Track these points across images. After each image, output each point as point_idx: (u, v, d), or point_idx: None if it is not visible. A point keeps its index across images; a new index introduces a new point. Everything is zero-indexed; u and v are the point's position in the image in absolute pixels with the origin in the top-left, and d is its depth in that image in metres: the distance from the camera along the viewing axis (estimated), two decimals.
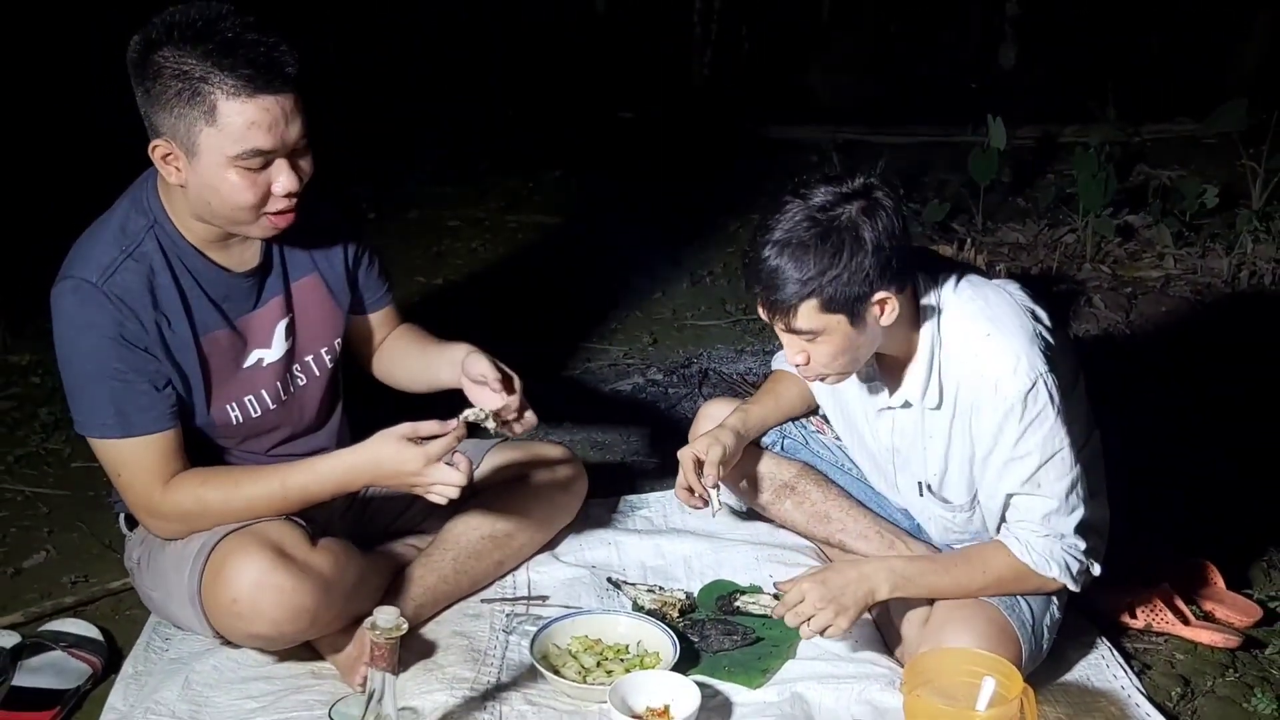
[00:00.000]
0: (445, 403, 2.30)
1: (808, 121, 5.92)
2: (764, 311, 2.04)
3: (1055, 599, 2.22)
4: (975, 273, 2.20)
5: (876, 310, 2.01)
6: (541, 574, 2.54)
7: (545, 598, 2.47)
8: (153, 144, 2.02)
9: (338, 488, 2.17)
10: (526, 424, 2.26)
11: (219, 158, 1.99)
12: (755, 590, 2.45)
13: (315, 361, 2.33)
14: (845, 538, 2.43)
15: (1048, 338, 2.09)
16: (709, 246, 4.59)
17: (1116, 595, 2.43)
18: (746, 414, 2.45)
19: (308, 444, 2.34)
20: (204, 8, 1.98)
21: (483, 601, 2.44)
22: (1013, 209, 4.91)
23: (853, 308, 1.98)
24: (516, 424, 2.26)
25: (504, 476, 2.51)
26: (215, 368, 2.18)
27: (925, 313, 2.11)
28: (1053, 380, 2.04)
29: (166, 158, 2.02)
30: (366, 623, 1.83)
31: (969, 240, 4.48)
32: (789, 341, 2.07)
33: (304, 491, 2.14)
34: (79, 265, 2.07)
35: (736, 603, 2.42)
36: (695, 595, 2.48)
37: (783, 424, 2.52)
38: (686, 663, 2.24)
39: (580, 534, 2.66)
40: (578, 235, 4.77)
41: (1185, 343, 3.81)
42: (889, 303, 2.01)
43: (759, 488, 2.50)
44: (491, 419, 2.18)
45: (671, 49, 6.70)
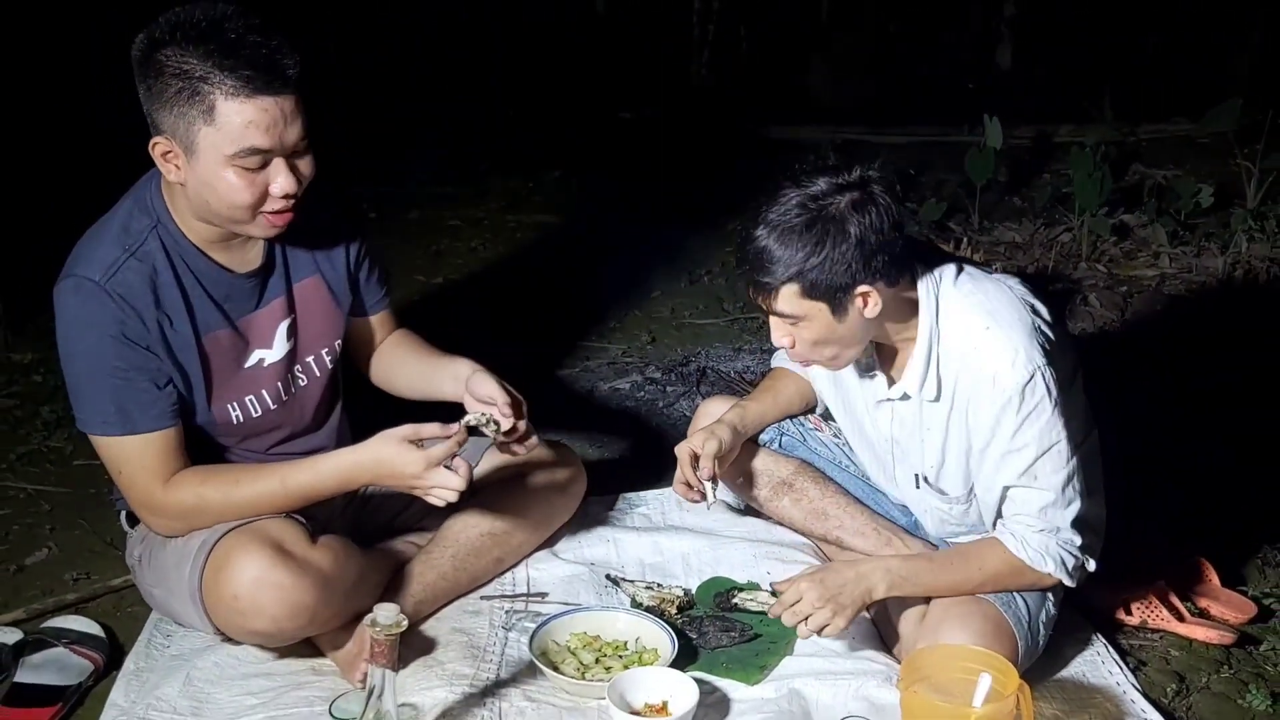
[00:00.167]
0: (446, 406, 2.33)
1: (807, 121, 5.93)
2: (750, 292, 2.07)
3: (1051, 596, 2.23)
4: (975, 266, 2.20)
5: (860, 303, 2.02)
6: (540, 571, 2.55)
7: (544, 594, 2.48)
8: (153, 141, 2.03)
9: (338, 487, 2.18)
10: (529, 447, 2.30)
11: (216, 156, 2.00)
12: (753, 587, 2.46)
13: (316, 362, 2.33)
14: (842, 534, 2.44)
15: (1047, 332, 2.09)
16: (707, 246, 4.60)
17: (1112, 592, 2.44)
18: (744, 410, 2.46)
19: (307, 443, 2.35)
20: (209, 8, 1.98)
21: (482, 598, 2.45)
22: (1009, 208, 4.92)
23: (834, 297, 2.00)
24: (518, 445, 2.28)
25: (503, 475, 2.51)
26: (216, 367, 2.18)
27: (924, 305, 2.11)
28: (1051, 373, 2.04)
29: (166, 155, 2.03)
30: (366, 619, 1.83)
31: (965, 239, 4.49)
32: (774, 324, 2.10)
33: (304, 490, 2.15)
34: (82, 264, 2.08)
35: (734, 599, 2.42)
36: (693, 592, 2.48)
37: (781, 421, 2.53)
38: (685, 659, 2.24)
39: (579, 531, 2.67)
40: (578, 235, 4.78)
41: (1180, 340, 3.81)
42: (871, 296, 2.02)
43: (756, 484, 2.51)
44: (492, 426, 2.20)
45: (671, 49, 6.71)
